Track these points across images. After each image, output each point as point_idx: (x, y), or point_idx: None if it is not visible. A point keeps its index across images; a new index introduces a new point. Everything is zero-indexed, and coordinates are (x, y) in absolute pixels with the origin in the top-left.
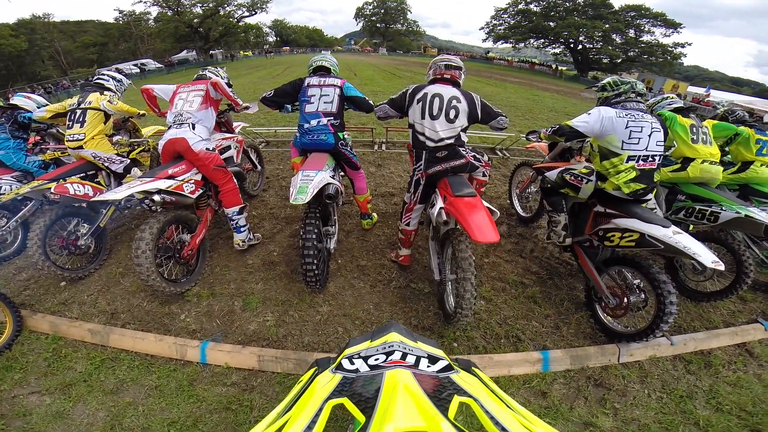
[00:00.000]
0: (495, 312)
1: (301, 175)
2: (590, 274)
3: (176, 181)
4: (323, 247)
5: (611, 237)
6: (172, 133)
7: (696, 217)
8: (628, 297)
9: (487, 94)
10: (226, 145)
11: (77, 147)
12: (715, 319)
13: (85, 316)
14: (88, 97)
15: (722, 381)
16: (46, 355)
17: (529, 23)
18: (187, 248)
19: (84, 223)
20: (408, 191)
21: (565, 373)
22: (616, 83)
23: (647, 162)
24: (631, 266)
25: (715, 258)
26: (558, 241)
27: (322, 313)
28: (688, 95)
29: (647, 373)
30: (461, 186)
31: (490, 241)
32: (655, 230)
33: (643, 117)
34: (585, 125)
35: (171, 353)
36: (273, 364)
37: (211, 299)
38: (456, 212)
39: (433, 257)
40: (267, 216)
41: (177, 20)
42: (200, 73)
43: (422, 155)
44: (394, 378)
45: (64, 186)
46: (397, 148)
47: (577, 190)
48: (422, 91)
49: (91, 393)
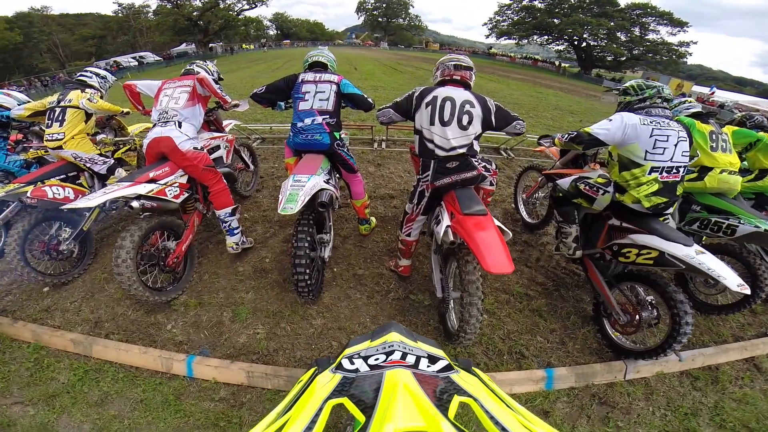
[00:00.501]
0: (498, 327)
1: (292, 181)
2: (600, 289)
3: (158, 185)
4: (317, 256)
5: (627, 253)
6: (156, 132)
7: (711, 230)
8: (640, 314)
9: (490, 91)
10: (215, 144)
11: (57, 147)
12: (724, 333)
13: (68, 324)
14: (68, 94)
15: (728, 397)
16: (28, 365)
17: (533, 20)
18: (173, 256)
19: (66, 227)
20: (410, 201)
21: (569, 391)
22: (640, 87)
23: (671, 174)
24: (645, 283)
25: (741, 281)
26: (568, 253)
27: (316, 326)
28: (693, 94)
29: (653, 390)
30: (471, 202)
31: (504, 272)
32: (677, 249)
33: (669, 125)
34: (606, 132)
35: (156, 366)
36: (263, 381)
37: (198, 309)
38: (465, 234)
39: (435, 272)
40: (260, 219)
41: (176, 13)
42: (187, 67)
43: (430, 165)
44: (394, 378)
45: (42, 189)
46: (397, 146)
47: (591, 201)
48: (431, 94)
49: (75, 405)
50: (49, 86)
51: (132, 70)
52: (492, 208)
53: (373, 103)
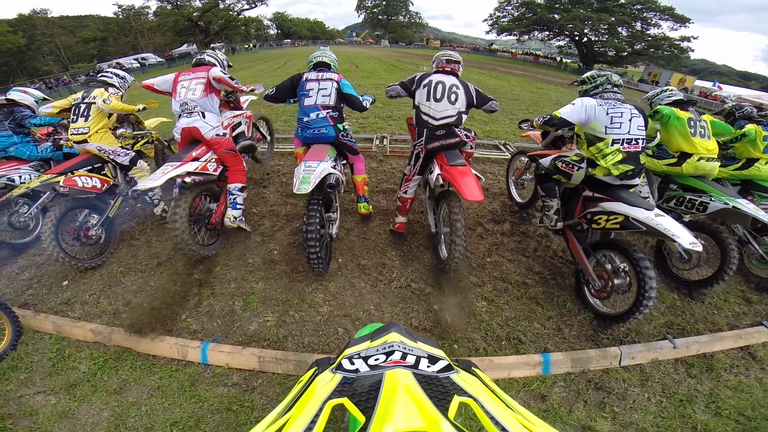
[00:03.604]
0: (497, 313)
1: (304, 166)
2: (579, 258)
3: (201, 162)
4: (326, 233)
5: (598, 219)
6: (184, 122)
7: (686, 207)
8: (613, 280)
9: (491, 87)
10: (237, 122)
11: (81, 141)
12: (719, 322)
13: (88, 316)
14: (92, 92)
15: (723, 385)
16: (50, 355)
17: (533, 15)
18: (215, 215)
19: (93, 214)
20: (408, 164)
21: (566, 376)
22: (593, 77)
23: (632, 144)
24: (616, 250)
25: (693, 239)
26: (550, 225)
27: (323, 314)
28: (695, 89)
29: (648, 377)
30: (455, 157)
31: (477, 199)
32: (639, 213)
33: (622, 105)
34: (570, 113)
35: (172, 354)
36: (273, 365)
37: (211, 299)
38: (450, 177)
39: (429, 213)
40: (267, 213)
41: (176, 14)
42: (198, 57)
43: (424, 132)
44: (394, 378)
45: (72, 179)
46: (399, 144)
47: (568, 177)
48: (428, 78)
49: (95, 393)
50: (54, 89)
51: (135, 71)
52: (492, 200)
53: (367, 107)
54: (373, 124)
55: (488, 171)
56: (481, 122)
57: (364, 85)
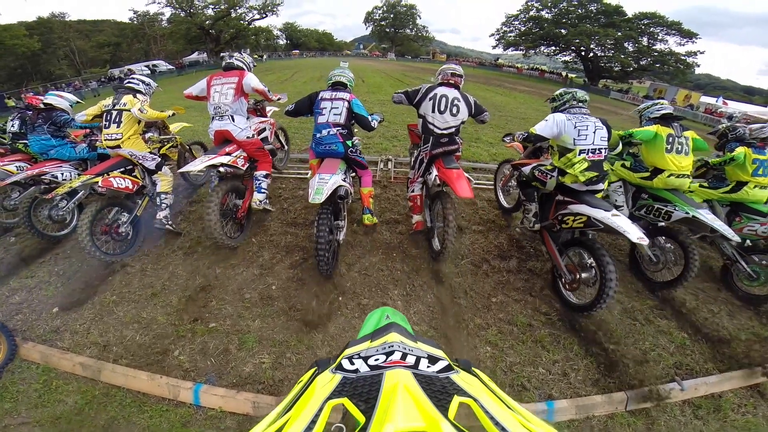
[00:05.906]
0: (500, 358)
1: (318, 178)
2: (553, 255)
3: (232, 157)
4: (333, 239)
5: (567, 220)
6: (217, 125)
7: (654, 215)
8: (581, 273)
9: (497, 104)
10: (262, 127)
11: (115, 146)
12: (727, 361)
13: (77, 346)
14: (122, 98)
15: (730, 425)
16: (36, 386)
17: (540, 30)
18: (240, 210)
19: (123, 212)
20: (412, 168)
21: (569, 423)
22: (560, 95)
23: (595, 154)
24: (584, 247)
25: (641, 234)
26: (529, 226)
27: (321, 357)
28: (701, 105)
29: (654, 420)
30: (451, 162)
31: (468, 196)
32: (598, 213)
33: (587, 118)
34: (543, 128)
35: (164, 393)
36: (268, 411)
37: (206, 336)
38: (446, 178)
39: (425, 210)
40: (266, 244)
41: (189, 22)
42: (227, 61)
43: (429, 139)
44: (394, 378)
45: (109, 180)
46: (404, 167)
47: (544, 184)
48: (434, 91)
49: (82, 428)
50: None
51: None
52: (498, 234)
53: (375, 126)
54: (377, 144)
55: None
56: (487, 144)
57: (370, 101)
